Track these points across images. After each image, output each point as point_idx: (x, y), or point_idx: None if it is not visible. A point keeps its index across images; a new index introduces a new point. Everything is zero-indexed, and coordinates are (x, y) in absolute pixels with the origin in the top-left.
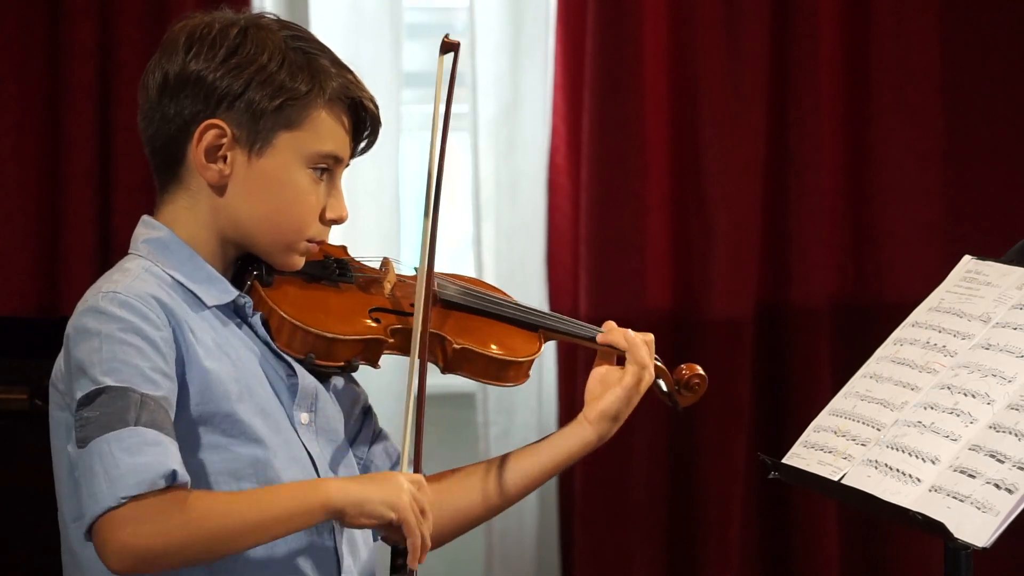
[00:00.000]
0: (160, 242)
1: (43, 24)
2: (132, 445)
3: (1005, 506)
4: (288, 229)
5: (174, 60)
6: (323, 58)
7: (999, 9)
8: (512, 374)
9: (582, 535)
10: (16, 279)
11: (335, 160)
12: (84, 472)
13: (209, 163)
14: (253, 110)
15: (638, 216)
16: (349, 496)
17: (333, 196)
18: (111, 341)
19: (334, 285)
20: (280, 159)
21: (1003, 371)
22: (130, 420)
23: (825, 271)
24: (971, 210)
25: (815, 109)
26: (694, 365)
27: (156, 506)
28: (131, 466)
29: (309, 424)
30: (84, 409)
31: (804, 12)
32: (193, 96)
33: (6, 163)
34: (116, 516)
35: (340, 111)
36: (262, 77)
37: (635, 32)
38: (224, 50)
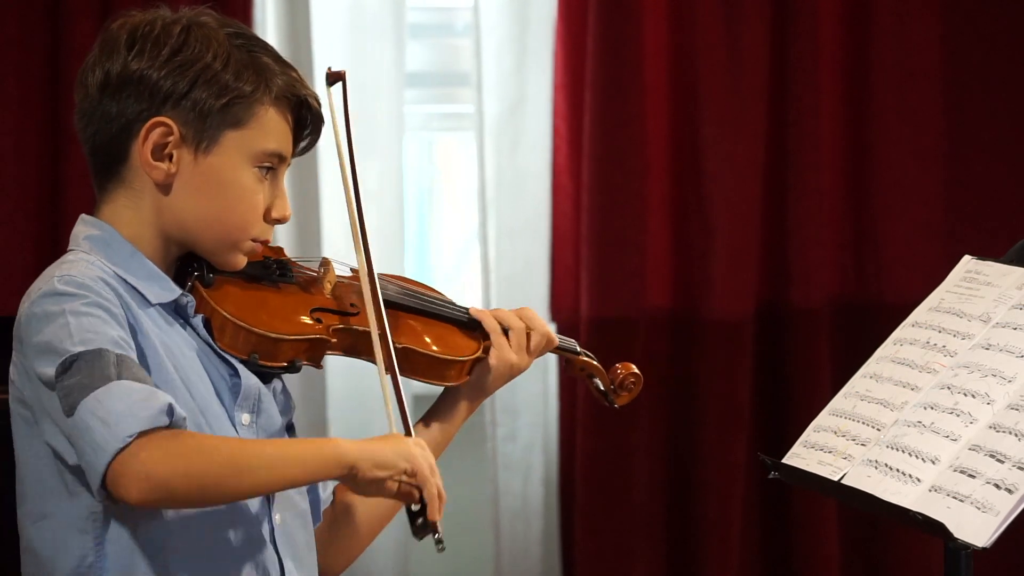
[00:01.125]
0: (101, 239)
1: (43, 24)
2: (121, 393)
3: (1005, 506)
4: (233, 228)
5: (115, 59)
6: (266, 56)
7: (1000, 9)
8: (453, 373)
9: (583, 535)
10: (16, 279)
11: (279, 159)
12: (81, 434)
13: (155, 162)
14: (199, 109)
15: (638, 216)
16: (363, 451)
17: (277, 195)
18: (76, 315)
19: (274, 285)
20: (226, 158)
21: (1003, 371)
22: (112, 376)
23: (825, 271)
24: (972, 210)
25: (815, 109)
26: (629, 364)
27: (165, 438)
28: (127, 408)
29: (250, 425)
30: (63, 379)
31: (804, 12)
32: (137, 95)
33: (6, 163)
34: (126, 455)
35: (284, 109)
36: (208, 76)
37: (635, 32)
38: (168, 49)
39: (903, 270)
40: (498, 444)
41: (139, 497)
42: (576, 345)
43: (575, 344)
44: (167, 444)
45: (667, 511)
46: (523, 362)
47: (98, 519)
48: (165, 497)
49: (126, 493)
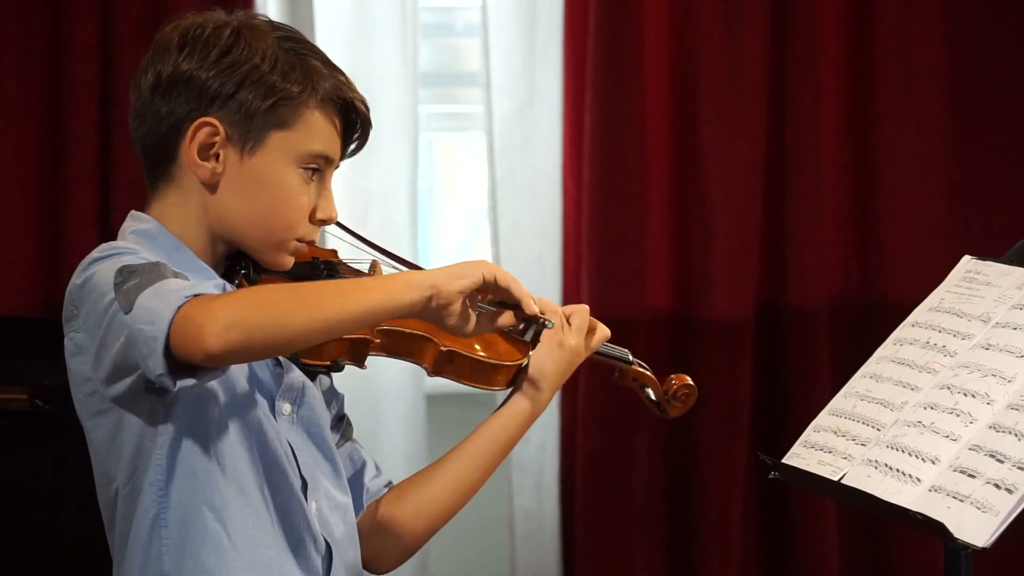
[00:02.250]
0: (148, 233)
1: (44, 24)
2: (176, 283)
3: (1005, 506)
4: (278, 228)
5: (167, 60)
6: (314, 59)
7: (1004, 8)
8: (499, 378)
9: (583, 535)
10: (17, 279)
11: (326, 160)
12: (140, 317)
13: (201, 161)
14: (246, 110)
15: (638, 216)
16: (442, 270)
17: (323, 196)
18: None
19: None
20: (271, 158)
21: (1003, 371)
22: (168, 275)
23: (825, 271)
24: (975, 210)
25: (815, 108)
26: (684, 375)
27: (219, 295)
28: (181, 284)
29: (290, 415)
30: (121, 286)
31: (804, 12)
32: (186, 95)
33: (7, 163)
34: (188, 310)
35: (331, 112)
36: (255, 77)
37: (635, 32)
38: (217, 50)
39: (905, 270)
40: None
41: (217, 344)
42: (628, 354)
43: (627, 353)
44: (228, 295)
45: (667, 511)
46: (570, 339)
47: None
48: (244, 340)
49: (201, 342)
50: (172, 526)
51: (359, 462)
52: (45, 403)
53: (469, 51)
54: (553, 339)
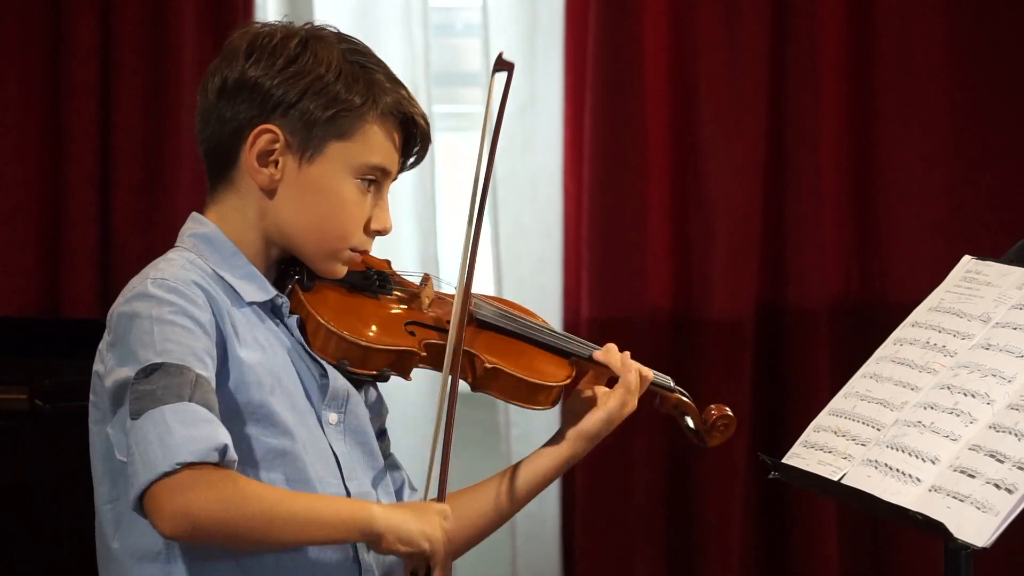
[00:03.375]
0: (205, 237)
1: (44, 24)
2: (187, 418)
3: (1005, 506)
4: (332, 236)
5: (234, 66)
6: (379, 73)
7: (1006, 8)
8: (542, 398)
9: (583, 535)
10: (17, 279)
11: (383, 172)
12: (138, 441)
13: (261, 167)
14: (307, 118)
15: (638, 216)
16: (392, 523)
17: (379, 207)
18: (162, 323)
19: (373, 296)
20: (329, 167)
21: (1003, 371)
22: (185, 396)
23: (826, 271)
24: (975, 210)
25: (815, 109)
26: (723, 407)
27: (210, 476)
28: (186, 436)
29: (337, 424)
30: (139, 383)
31: (804, 12)
32: (250, 101)
33: (7, 163)
34: (170, 482)
35: (391, 126)
36: (318, 87)
37: (636, 32)
38: (283, 59)
39: (905, 270)
40: (512, 444)
41: (170, 531)
42: (671, 382)
43: (670, 381)
44: (208, 486)
45: (667, 511)
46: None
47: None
48: (194, 536)
49: (158, 522)
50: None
51: (398, 481)
52: (45, 403)
53: (470, 51)
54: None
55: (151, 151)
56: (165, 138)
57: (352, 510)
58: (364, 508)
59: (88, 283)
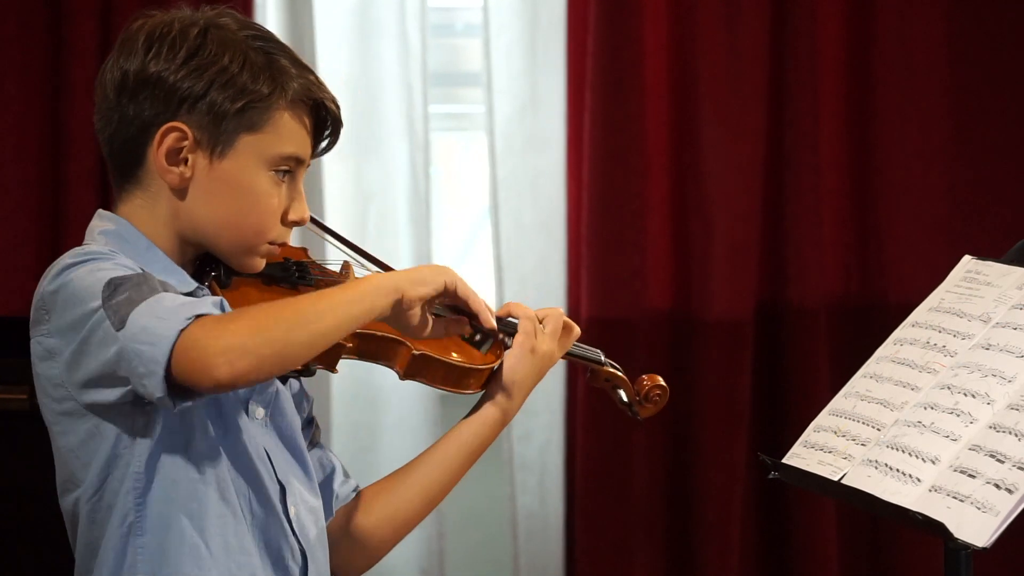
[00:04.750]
0: (116, 233)
1: (43, 24)
2: (171, 298)
3: (1005, 506)
4: (249, 232)
5: (133, 59)
6: (284, 58)
7: (1005, 7)
8: (471, 382)
9: (583, 534)
10: (16, 279)
11: (297, 162)
12: (135, 336)
13: (170, 166)
14: (215, 112)
15: (638, 216)
16: (399, 276)
17: (295, 198)
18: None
19: (293, 288)
20: (242, 162)
21: (1003, 371)
22: (158, 289)
23: (826, 271)
24: (975, 210)
25: (815, 108)
26: (656, 376)
27: (229, 316)
28: (179, 304)
29: (264, 419)
30: (110, 300)
31: (804, 11)
32: (153, 97)
33: (7, 163)
34: (191, 334)
35: (302, 112)
36: (224, 79)
37: (636, 32)
38: (185, 51)
39: (905, 270)
40: (514, 444)
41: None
42: (601, 355)
43: (600, 354)
44: (238, 318)
45: (667, 511)
46: (543, 345)
47: (138, 489)
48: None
49: (205, 372)
50: (149, 534)
51: (328, 467)
52: None
53: (470, 51)
54: (525, 345)
55: None
56: None
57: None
58: (374, 278)
59: None
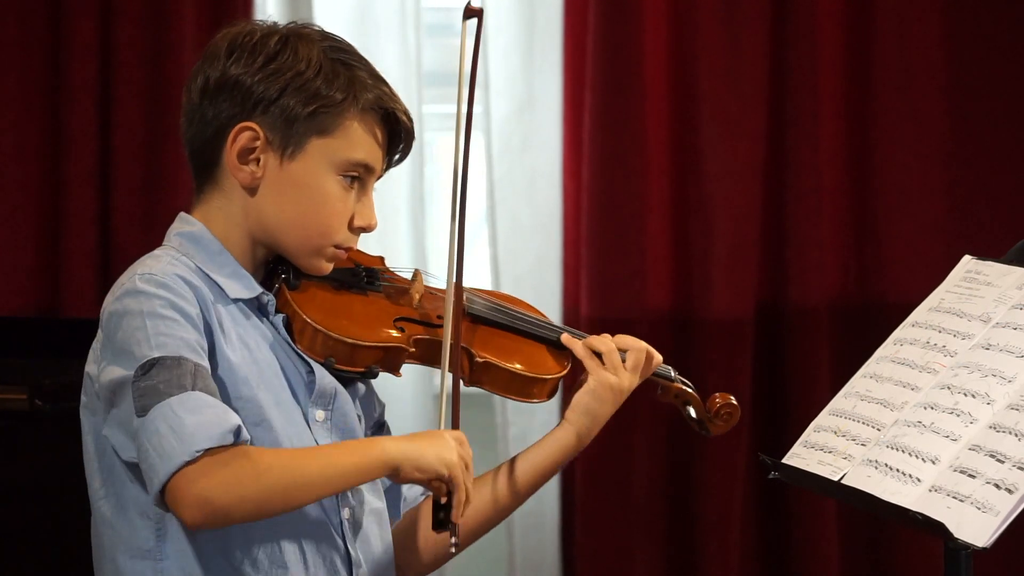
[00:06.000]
0: (191, 235)
1: (43, 24)
2: (195, 407)
3: (1005, 506)
4: (315, 233)
5: (215, 65)
6: (361, 70)
7: (1003, 8)
8: (536, 391)
9: (583, 534)
10: (17, 279)
11: (366, 169)
12: (150, 437)
13: (242, 165)
14: (287, 115)
15: (638, 216)
16: (406, 452)
17: (363, 204)
18: (153, 317)
19: (361, 292)
20: (311, 164)
21: (1003, 371)
22: (187, 385)
23: (825, 271)
24: (975, 210)
25: (815, 109)
26: (727, 395)
27: (227, 459)
28: (198, 423)
29: (324, 421)
30: (140, 380)
31: (804, 12)
32: (231, 99)
33: (7, 163)
34: (190, 471)
35: (373, 122)
36: (298, 83)
37: (635, 32)
38: (263, 56)
39: (905, 270)
40: (510, 444)
41: (194, 520)
42: (672, 371)
43: (671, 370)
44: (222, 467)
45: (667, 510)
46: (624, 382)
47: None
48: (219, 520)
49: (183, 513)
50: (172, 542)
51: None
52: (45, 403)
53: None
54: (606, 383)
55: (151, 151)
56: (165, 138)
57: (364, 452)
58: (375, 446)
59: (88, 283)
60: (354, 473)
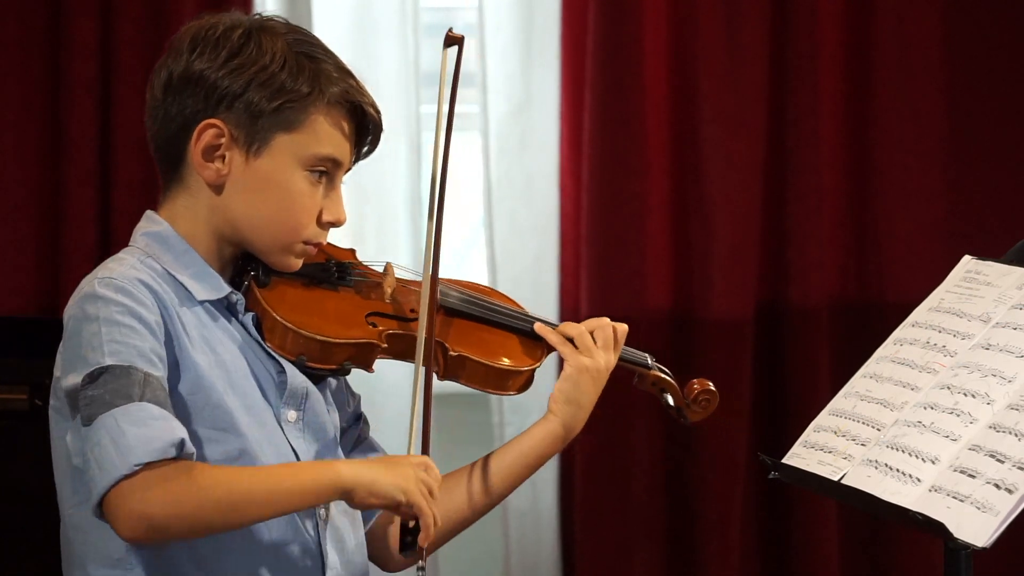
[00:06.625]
0: (158, 235)
1: (43, 23)
2: (139, 418)
3: (1005, 506)
4: (284, 230)
5: (179, 60)
6: (326, 63)
7: (1002, 8)
8: (511, 383)
9: (583, 534)
10: (17, 278)
11: (333, 163)
12: (92, 447)
13: (207, 162)
14: (252, 110)
15: (638, 216)
16: (360, 477)
17: (331, 199)
18: (110, 323)
19: (332, 288)
20: (277, 160)
21: (1003, 371)
22: (135, 396)
23: (825, 271)
24: (974, 210)
25: (815, 108)
26: (705, 380)
27: (167, 473)
28: (140, 436)
29: (296, 422)
30: (88, 388)
31: (804, 11)
32: (194, 95)
33: (7, 162)
34: (128, 484)
35: (340, 115)
36: (262, 78)
37: (635, 32)
38: (227, 51)
39: (905, 270)
40: None
41: (130, 535)
42: (648, 359)
43: (647, 358)
44: (162, 482)
45: (667, 511)
46: (600, 361)
47: None
48: (155, 536)
49: (117, 528)
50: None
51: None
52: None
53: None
54: (582, 366)
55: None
56: None
57: (316, 474)
58: (328, 469)
59: None
60: (303, 495)
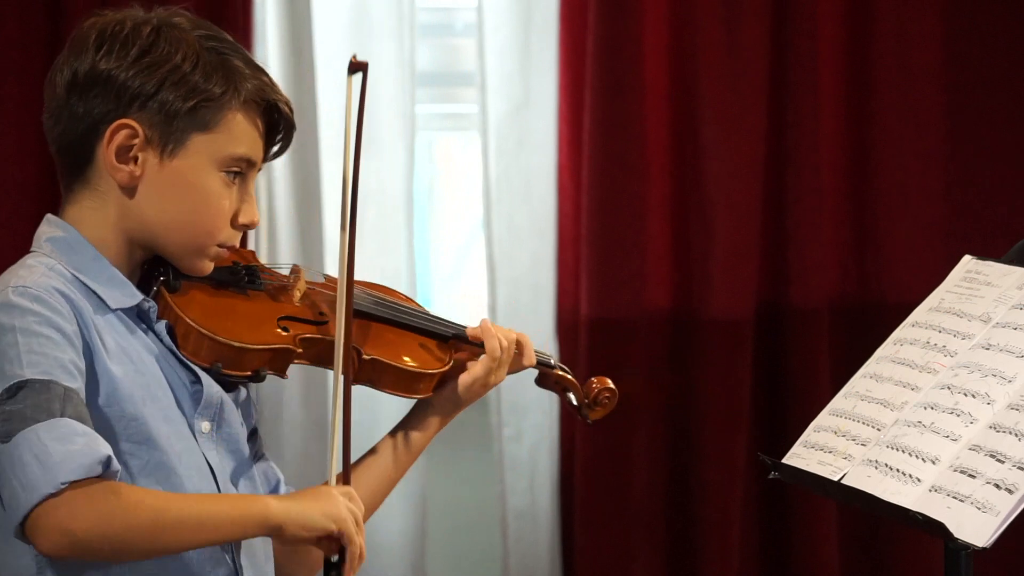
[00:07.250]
0: (64, 241)
1: (43, 24)
2: (63, 434)
3: (1005, 506)
4: (199, 233)
5: (84, 58)
6: (237, 58)
7: (1001, 9)
8: (422, 386)
9: (582, 535)
10: None
11: (248, 163)
12: (13, 465)
13: (120, 164)
14: (166, 111)
15: (638, 216)
16: (290, 512)
17: (245, 200)
18: (27, 334)
19: (243, 292)
20: (193, 161)
21: (1003, 371)
22: (56, 411)
23: (825, 271)
24: (974, 210)
25: (815, 109)
26: (605, 379)
27: (93, 492)
28: (66, 453)
29: (210, 433)
30: (6, 404)
31: (804, 11)
32: (103, 95)
33: (7, 163)
34: (53, 503)
35: (254, 114)
36: (176, 77)
37: (635, 31)
38: (137, 49)
39: (904, 270)
40: (504, 444)
41: (52, 551)
42: (551, 359)
43: (550, 358)
44: (88, 500)
45: (667, 511)
46: (502, 374)
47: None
48: (76, 552)
49: (40, 543)
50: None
51: (274, 479)
52: None
53: (465, 51)
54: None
55: None
56: None
57: (244, 506)
58: (257, 502)
59: None
60: (230, 527)
